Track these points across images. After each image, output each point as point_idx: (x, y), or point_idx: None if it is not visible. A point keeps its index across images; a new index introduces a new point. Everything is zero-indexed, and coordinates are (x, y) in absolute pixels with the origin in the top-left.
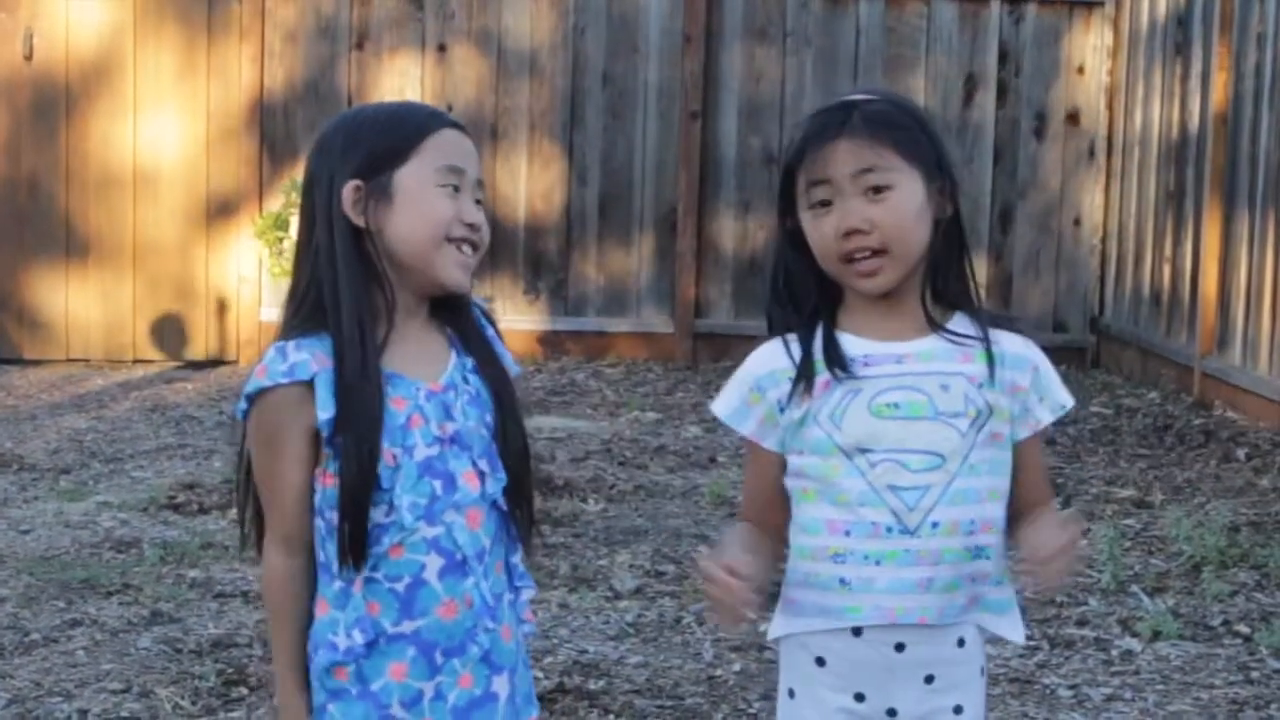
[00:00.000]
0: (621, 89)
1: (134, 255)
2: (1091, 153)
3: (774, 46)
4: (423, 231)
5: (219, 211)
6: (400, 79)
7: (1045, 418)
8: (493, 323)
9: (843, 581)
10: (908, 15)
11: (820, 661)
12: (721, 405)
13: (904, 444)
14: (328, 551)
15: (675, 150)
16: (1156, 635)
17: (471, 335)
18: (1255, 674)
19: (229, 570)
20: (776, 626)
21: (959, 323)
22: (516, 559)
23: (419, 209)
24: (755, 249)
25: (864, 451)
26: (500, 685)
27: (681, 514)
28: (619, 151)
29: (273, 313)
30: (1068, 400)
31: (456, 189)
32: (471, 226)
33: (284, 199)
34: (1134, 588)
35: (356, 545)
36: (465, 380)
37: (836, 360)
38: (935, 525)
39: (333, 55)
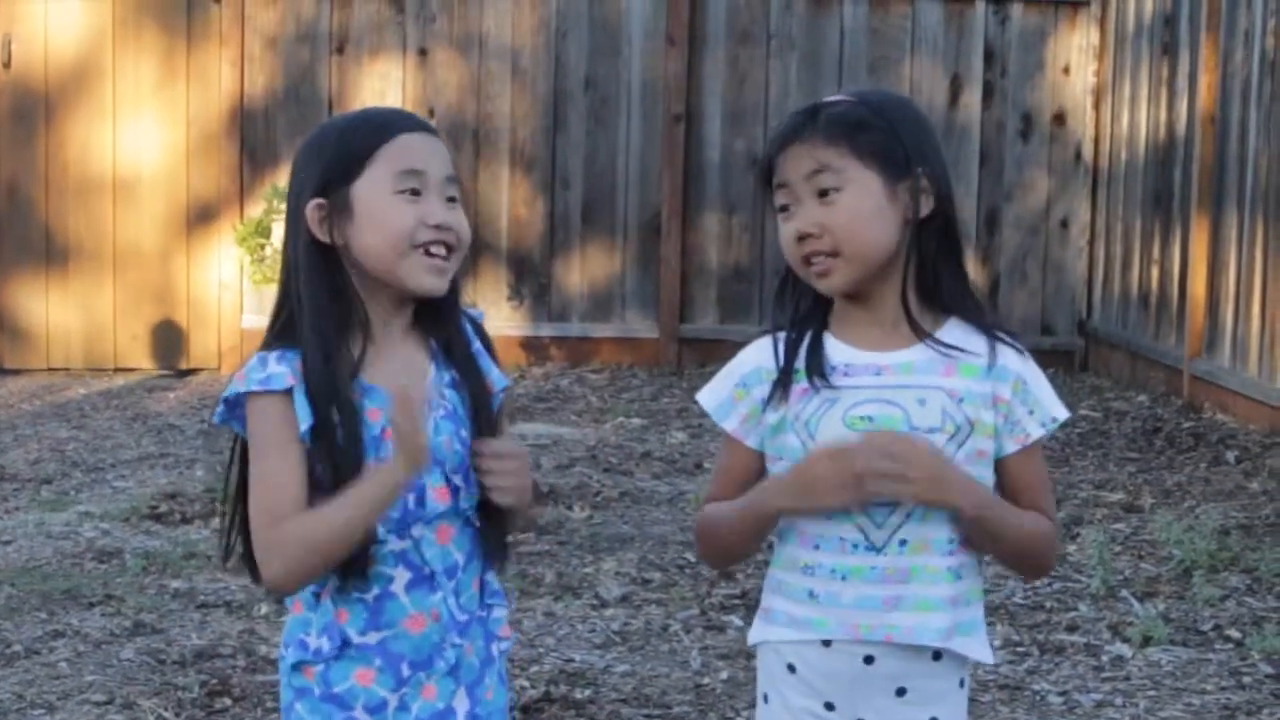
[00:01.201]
0: (604, 92)
1: (114, 263)
2: (1078, 154)
3: (758, 49)
4: (384, 242)
5: (200, 218)
6: (381, 83)
7: (1034, 431)
8: (483, 335)
9: (811, 594)
10: (892, 16)
11: (791, 668)
12: (708, 397)
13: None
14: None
15: (659, 154)
16: (1147, 640)
17: (456, 347)
18: (1247, 679)
19: (212, 580)
20: (753, 631)
21: (951, 330)
22: (490, 576)
23: (378, 220)
24: (740, 253)
25: None
26: (459, 701)
27: (667, 521)
28: (602, 155)
29: (254, 320)
30: (1060, 413)
31: (416, 192)
32: (439, 228)
33: (265, 205)
34: (1124, 592)
35: (357, 554)
36: (442, 395)
37: (816, 368)
38: (903, 543)
39: (313, 60)
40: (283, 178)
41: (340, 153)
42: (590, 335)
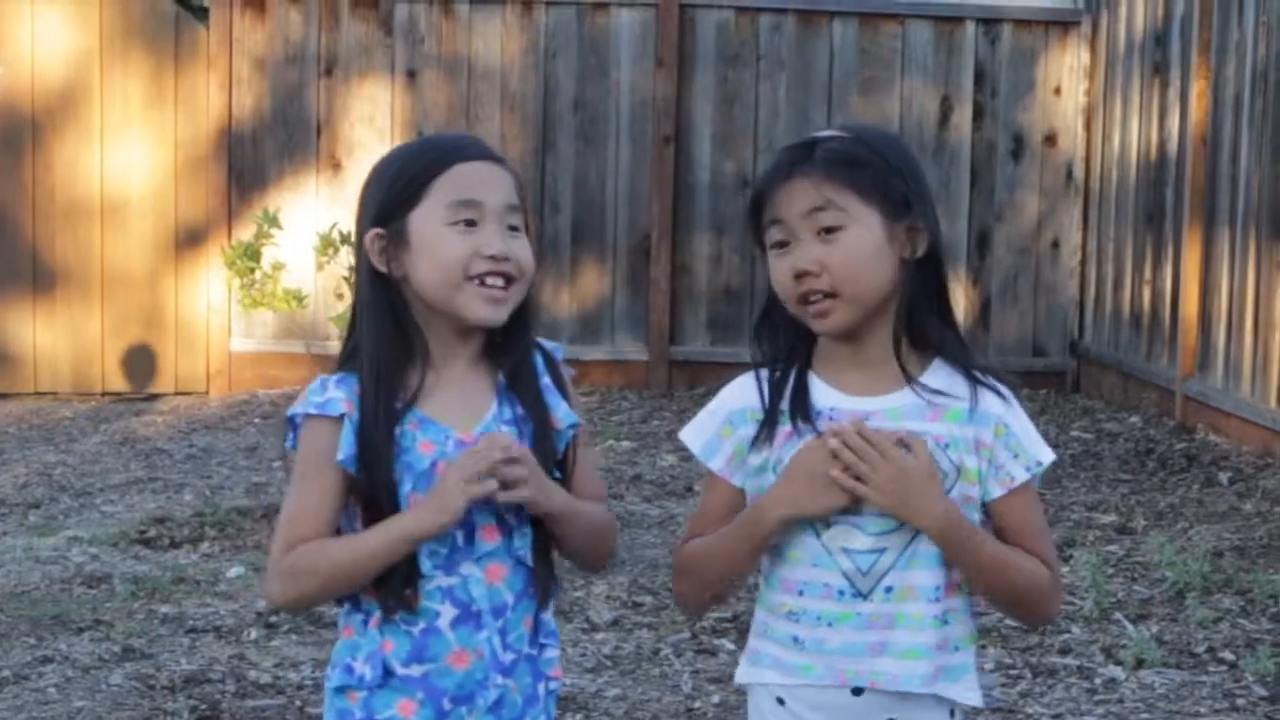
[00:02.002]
0: (593, 114)
1: (102, 286)
2: (1069, 174)
3: (747, 69)
4: (438, 275)
5: (188, 241)
6: (370, 105)
7: (1019, 475)
8: (555, 369)
9: (796, 640)
10: (882, 36)
11: (780, 701)
12: (693, 436)
13: (861, 505)
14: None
15: (648, 175)
16: (1140, 663)
17: (523, 382)
18: (1240, 701)
19: (201, 605)
20: (740, 672)
21: (936, 373)
22: (547, 615)
23: (432, 252)
24: (730, 274)
25: None
26: None
27: (658, 544)
28: (591, 177)
29: (242, 343)
30: (1045, 456)
31: (471, 223)
32: (494, 258)
33: (255, 228)
34: (1117, 615)
35: (397, 586)
36: (501, 430)
37: (801, 411)
38: (889, 590)
39: (301, 82)
40: (271, 200)
41: (398, 182)
42: (580, 358)
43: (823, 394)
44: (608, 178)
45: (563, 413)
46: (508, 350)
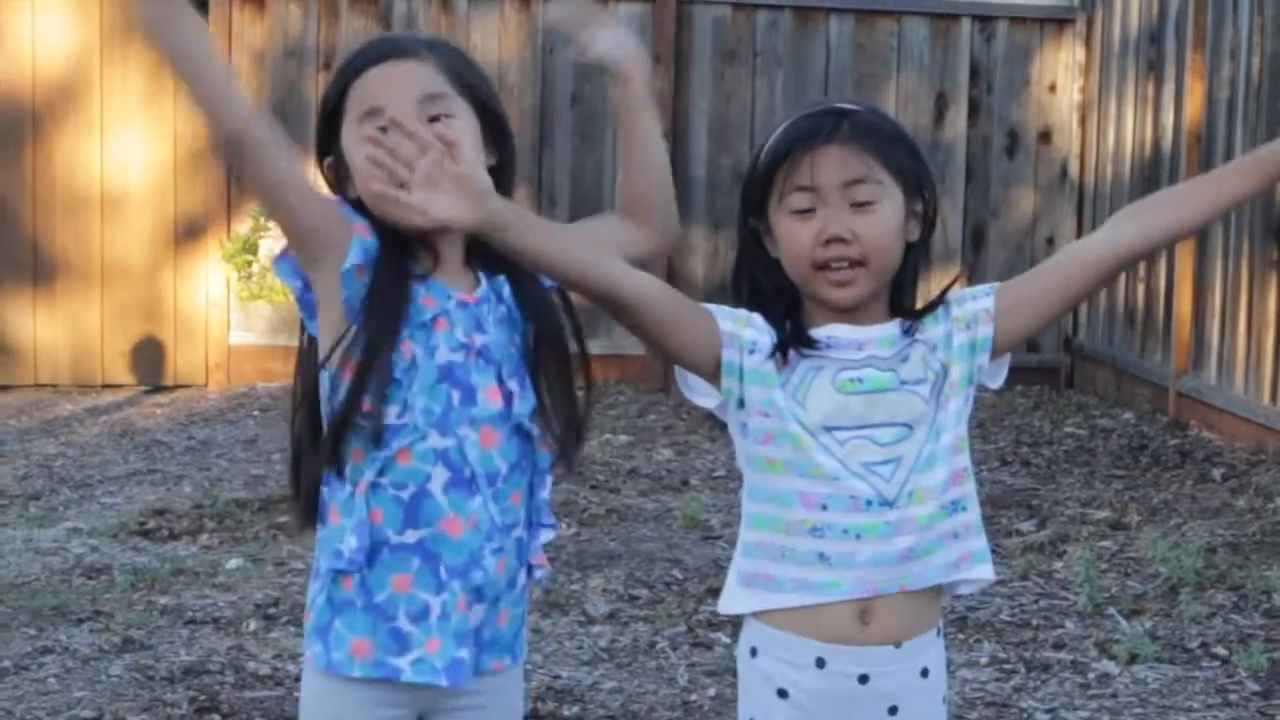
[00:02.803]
0: (591, 109)
1: (101, 279)
2: (1064, 171)
3: (744, 66)
4: (363, 191)
5: (187, 234)
6: None
7: (989, 304)
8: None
9: (822, 556)
10: (878, 33)
11: (782, 693)
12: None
13: (870, 419)
14: (344, 452)
15: None
16: (1134, 658)
17: (502, 260)
18: (1234, 696)
19: (200, 597)
20: (742, 599)
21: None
22: (545, 494)
23: (355, 169)
24: (726, 269)
25: (829, 430)
26: (475, 615)
27: (654, 538)
28: (588, 172)
29: (241, 336)
30: (989, 285)
31: (384, 130)
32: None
33: (252, 222)
34: (1111, 610)
35: (355, 401)
36: (500, 300)
37: (800, 337)
38: (911, 494)
39: (300, 76)
40: None
41: (325, 106)
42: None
43: (816, 328)
44: (605, 172)
45: (548, 281)
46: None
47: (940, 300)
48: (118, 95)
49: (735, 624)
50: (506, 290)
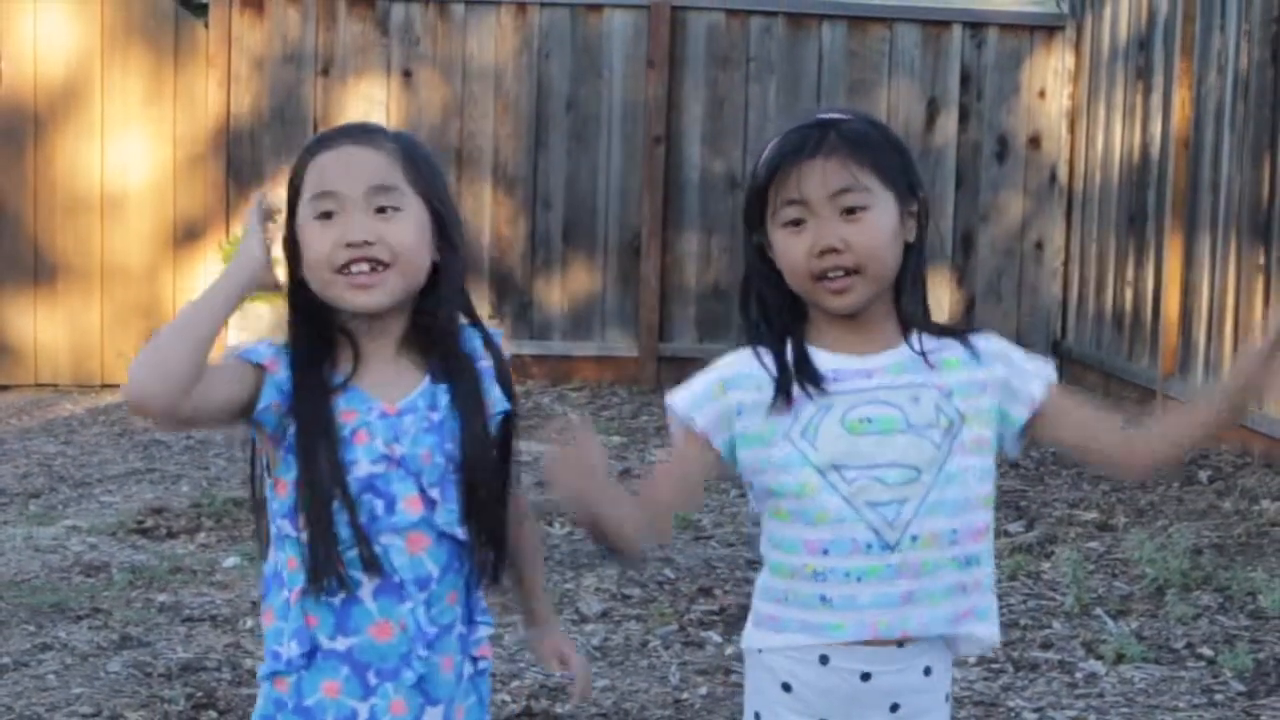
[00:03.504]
0: (585, 114)
1: (102, 279)
2: (1053, 176)
3: (737, 71)
4: (311, 273)
5: (186, 236)
6: (366, 104)
7: (1039, 393)
8: (497, 353)
9: (824, 599)
10: (870, 39)
11: (786, 687)
12: (681, 395)
13: (879, 459)
14: (279, 560)
15: (639, 174)
16: (1120, 658)
17: (455, 364)
18: (1219, 696)
19: (198, 594)
20: (754, 638)
21: (919, 339)
22: (480, 594)
23: (305, 250)
24: (719, 273)
25: (838, 468)
26: (430, 717)
27: None
28: (583, 175)
29: (239, 337)
30: (1051, 372)
31: (329, 214)
32: (352, 245)
33: None
34: (1098, 610)
35: (319, 554)
36: (432, 408)
37: (808, 376)
38: (915, 538)
39: (298, 81)
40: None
41: (288, 186)
42: (571, 354)
43: (824, 359)
44: (599, 177)
45: (495, 397)
46: (435, 335)
47: (956, 333)
48: (118, 97)
49: (727, 624)
50: (445, 400)
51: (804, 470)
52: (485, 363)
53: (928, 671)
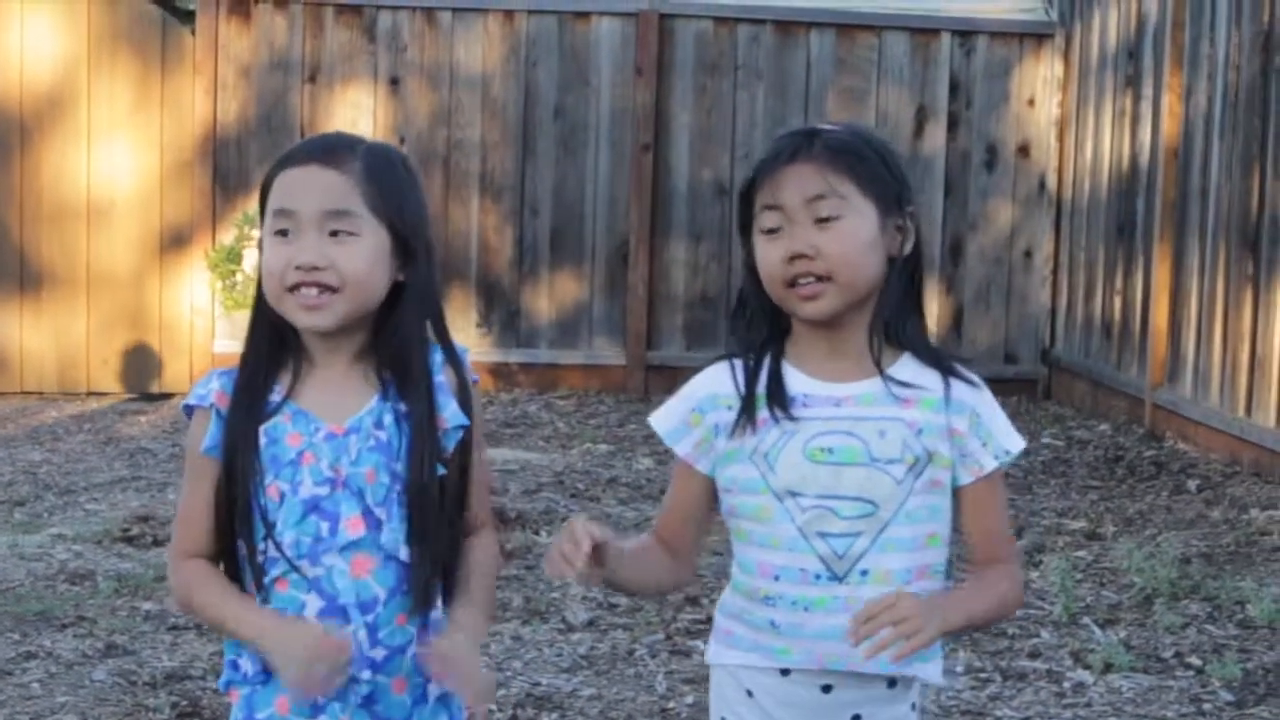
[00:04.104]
0: (573, 121)
1: (88, 287)
2: (1042, 185)
3: (725, 79)
4: (266, 286)
5: (172, 244)
6: (353, 111)
7: (988, 464)
8: (458, 370)
9: (773, 624)
10: (859, 47)
11: (749, 694)
12: (661, 420)
13: (835, 490)
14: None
15: (627, 182)
16: (1108, 667)
17: (410, 381)
18: (1207, 705)
19: None
20: (712, 652)
21: (906, 366)
22: (437, 614)
23: (264, 263)
24: (707, 281)
25: (794, 495)
26: None
27: None
28: (570, 183)
29: (226, 345)
30: (1014, 445)
31: (284, 232)
32: (302, 268)
33: (237, 232)
34: (1086, 620)
35: (254, 576)
36: (378, 426)
37: (777, 398)
38: (865, 573)
39: (285, 88)
40: (254, 204)
41: (259, 199)
42: (558, 362)
43: (796, 381)
44: (587, 184)
45: (450, 412)
46: (393, 351)
47: (943, 366)
48: (105, 105)
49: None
50: (392, 418)
51: (763, 494)
52: (443, 378)
53: (892, 684)
